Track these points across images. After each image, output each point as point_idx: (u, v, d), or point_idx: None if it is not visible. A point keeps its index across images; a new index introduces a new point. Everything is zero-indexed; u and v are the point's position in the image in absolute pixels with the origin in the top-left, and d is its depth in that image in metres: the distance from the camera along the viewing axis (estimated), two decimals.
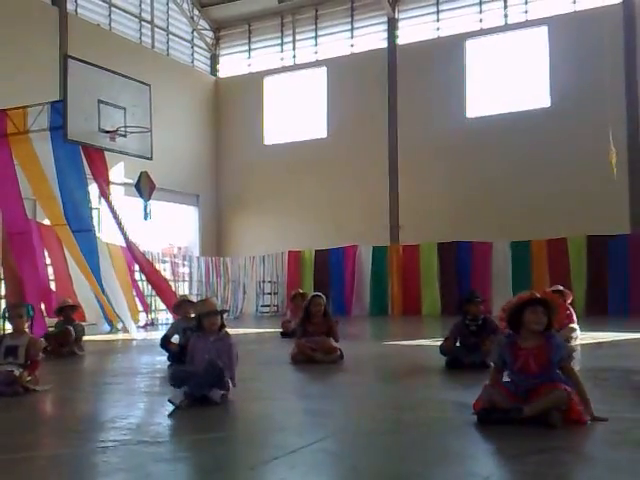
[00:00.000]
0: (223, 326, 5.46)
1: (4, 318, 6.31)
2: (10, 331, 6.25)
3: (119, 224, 12.46)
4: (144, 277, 14.04)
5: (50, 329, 10.06)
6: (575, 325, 9.72)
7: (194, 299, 9.04)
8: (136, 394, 6.06)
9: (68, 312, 9.67)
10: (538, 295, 4.45)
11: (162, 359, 8.23)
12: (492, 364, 4.56)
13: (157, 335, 11.56)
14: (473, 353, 6.97)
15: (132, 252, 12.91)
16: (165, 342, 8.19)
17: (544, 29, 20.55)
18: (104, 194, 12.34)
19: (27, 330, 6.14)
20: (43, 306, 12.14)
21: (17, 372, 5.75)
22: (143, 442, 3.96)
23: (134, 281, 14.84)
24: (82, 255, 12.16)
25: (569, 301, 9.89)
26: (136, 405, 5.52)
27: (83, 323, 10.79)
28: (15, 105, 11.94)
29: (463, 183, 20.90)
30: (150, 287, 14.62)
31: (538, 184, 19.79)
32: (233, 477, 3.30)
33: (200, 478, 3.33)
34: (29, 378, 5.84)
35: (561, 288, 9.92)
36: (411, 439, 4.08)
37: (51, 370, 7.53)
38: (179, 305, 8.58)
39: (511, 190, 20.18)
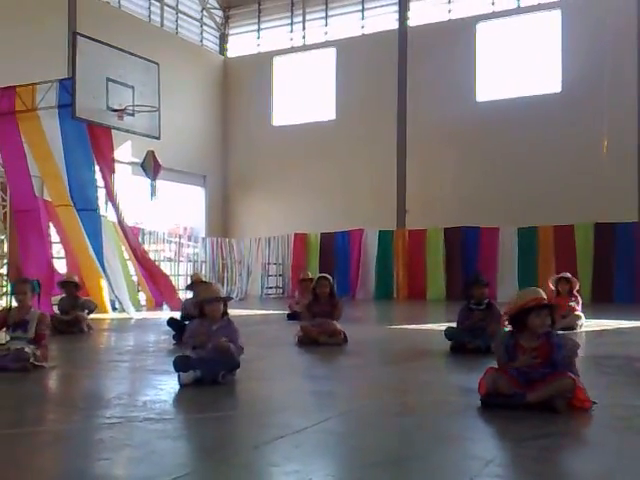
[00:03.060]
0: (226, 313, 5.37)
1: (12, 294, 6.30)
2: (15, 306, 6.20)
3: (115, 206, 12.35)
4: (135, 261, 13.45)
5: (54, 306, 10.12)
6: (580, 312, 9.72)
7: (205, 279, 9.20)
8: (142, 372, 6.11)
9: (71, 289, 9.70)
10: (543, 300, 4.39)
11: (167, 337, 8.28)
12: (497, 358, 4.54)
13: (158, 315, 11.62)
14: (478, 337, 6.97)
15: (125, 235, 12.74)
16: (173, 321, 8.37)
17: (557, 12, 20.31)
18: (104, 176, 12.24)
19: (33, 306, 6.12)
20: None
21: (28, 350, 5.77)
22: (149, 419, 4.00)
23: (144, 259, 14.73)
24: (85, 236, 12.11)
25: (576, 288, 9.90)
26: (142, 382, 5.56)
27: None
28: (24, 82, 11.92)
29: (471, 168, 20.80)
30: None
31: (547, 170, 19.67)
32: (237, 455, 3.33)
33: (205, 456, 3.36)
34: (38, 353, 5.87)
35: (568, 275, 9.91)
36: (415, 421, 4.09)
37: (58, 347, 7.59)
38: (192, 285, 8.82)
39: (519, 175, 20.06)
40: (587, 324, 9.89)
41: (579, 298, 9.93)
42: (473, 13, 21.49)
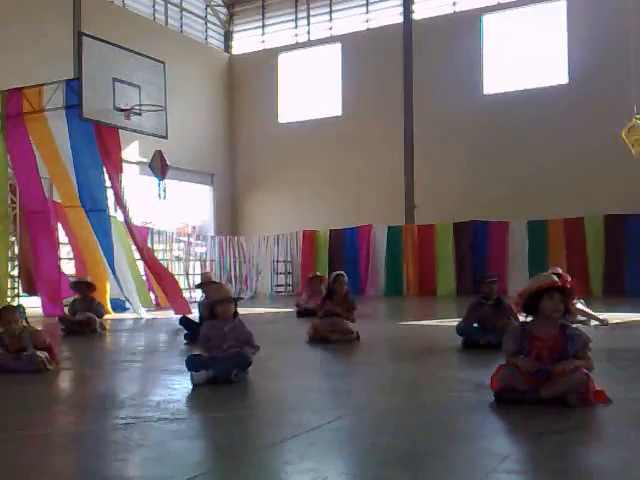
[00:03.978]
0: (236, 313, 5.41)
1: None
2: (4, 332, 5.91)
3: (123, 206, 12.29)
4: (143, 261, 13.13)
5: (66, 307, 10.14)
6: (579, 304, 9.47)
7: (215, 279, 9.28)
8: (154, 372, 6.12)
9: (84, 289, 9.67)
10: (557, 282, 4.35)
11: (178, 337, 8.30)
12: (504, 352, 4.48)
13: (168, 315, 11.62)
14: (489, 333, 6.95)
15: (132, 235, 12.57)
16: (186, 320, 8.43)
17: (563, 3, 20.18)
18: (112, 176, 12.21)
19: (24, 325, 5.91)
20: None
21: (40, 354, 5.76)
22: (163, 419, 4.00)
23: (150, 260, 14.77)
24: (94, 237, 12.10)
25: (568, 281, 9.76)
26: (155, 383, 5.58)
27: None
28: (30, 84, 11.95)
29: (479, 161, 20.74)
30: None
31: (555, 162, 19.59)
32: (253, 454, 3.33)
33: (220, 455, 3.36)
34: (51, 364, 5.84)
35: (559, 271, 9.79)
36: (428, 418, 4.09)
37: (70, 348, 7.62)
38: (202, 284, 8.93)
39: (528, 168, 19.98)
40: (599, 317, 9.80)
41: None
42: (478, 5, 21.40)
